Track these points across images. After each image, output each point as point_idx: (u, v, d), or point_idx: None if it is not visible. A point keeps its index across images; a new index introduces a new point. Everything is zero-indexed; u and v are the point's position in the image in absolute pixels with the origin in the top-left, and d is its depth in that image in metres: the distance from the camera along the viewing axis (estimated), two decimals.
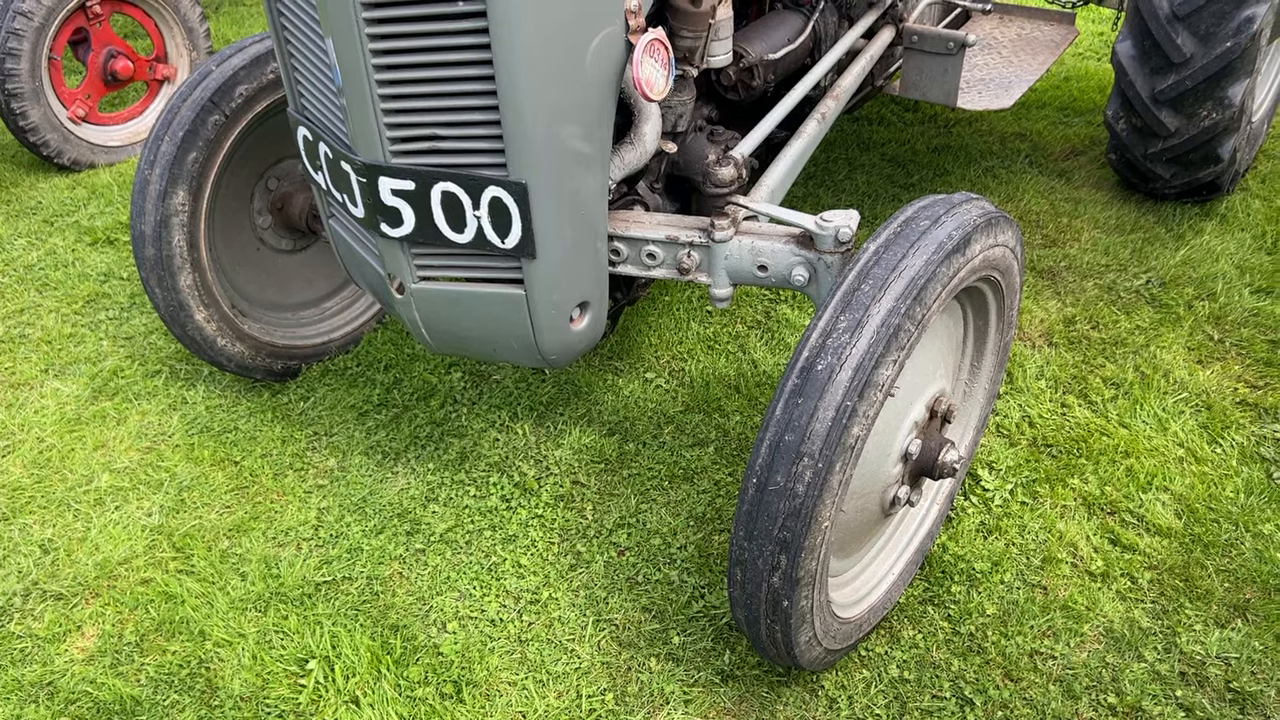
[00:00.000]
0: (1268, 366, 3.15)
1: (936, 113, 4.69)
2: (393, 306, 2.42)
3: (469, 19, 1.91)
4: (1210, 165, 3.62)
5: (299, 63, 2.33)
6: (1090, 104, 4.70)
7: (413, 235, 2.19)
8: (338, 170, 2.24)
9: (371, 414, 3.16)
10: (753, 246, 2.41)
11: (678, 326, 3.46)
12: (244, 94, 2.84)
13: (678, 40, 2.44)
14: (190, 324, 2.95)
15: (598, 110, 2.17)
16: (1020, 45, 3.90)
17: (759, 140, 2.69)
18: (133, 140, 4.83)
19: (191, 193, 2.83)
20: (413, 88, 2.01)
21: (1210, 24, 3.24)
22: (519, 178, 2.06)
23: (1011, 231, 2.22)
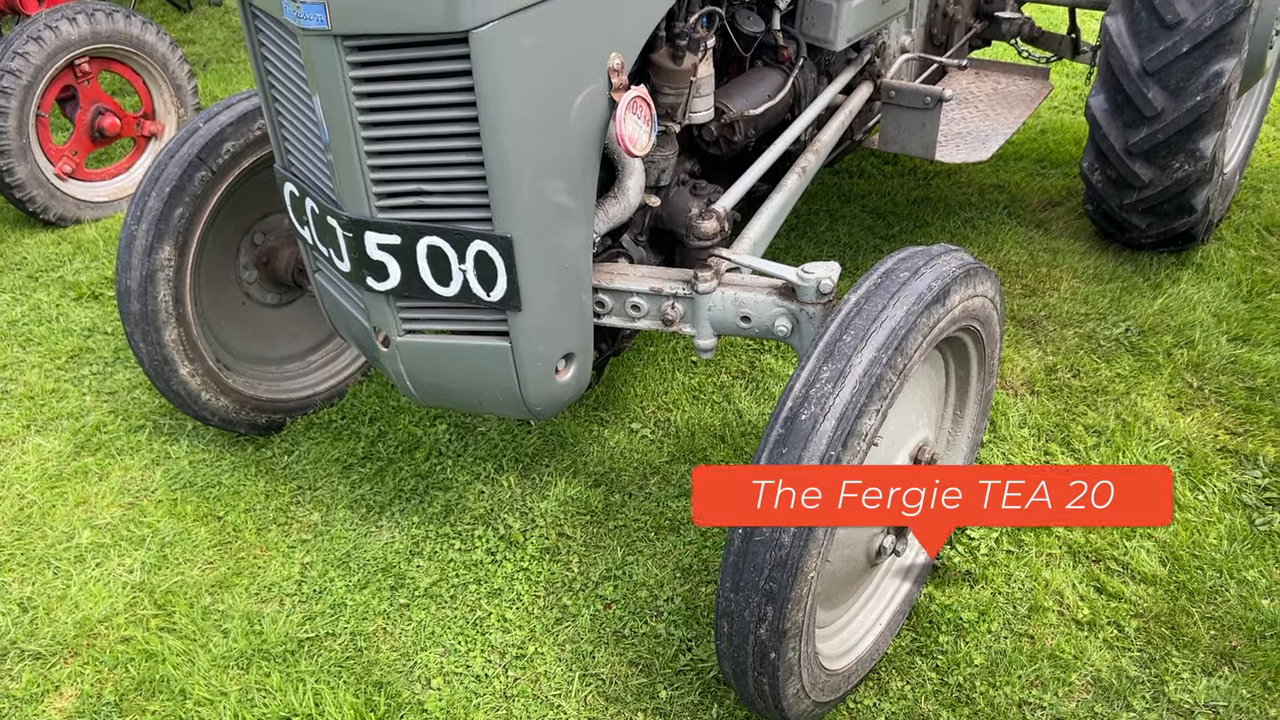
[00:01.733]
0: (1246, 413, 3.18)
1: (916, 165, 4.76)
2: (378, 360, 2.43)
3: (455, 77, 1.94)
4: (1185, 216, 3.68)
5: (286, 119, 2.36)
6: (1066, 156, 4.78)
7: (398, 289, 2.21)
8: (324, 225, 2.26)
9: (356, 467, 3.15)
10: (736, 298, 2.44)
11: (663, 377, 3.48)
12: (231, 150, 2.87)
13: (660, 97, 2.49)
14: (174, 379, 2.95)
15: (582, 165, 2.20)
16: (996, 99, 3.98)
17: (741, 194, 2.72)
18: (119, 196, 4.85)
19: (177, 248, 2.84)
20: (399, 144, 2.04)
21: (1180, 79, 3.32)
22: (504, 232, 2.08)
23: (990, 282, 2.25)
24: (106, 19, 4.55)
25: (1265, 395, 3.25)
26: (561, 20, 2.01)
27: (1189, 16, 3.23)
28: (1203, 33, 3.22)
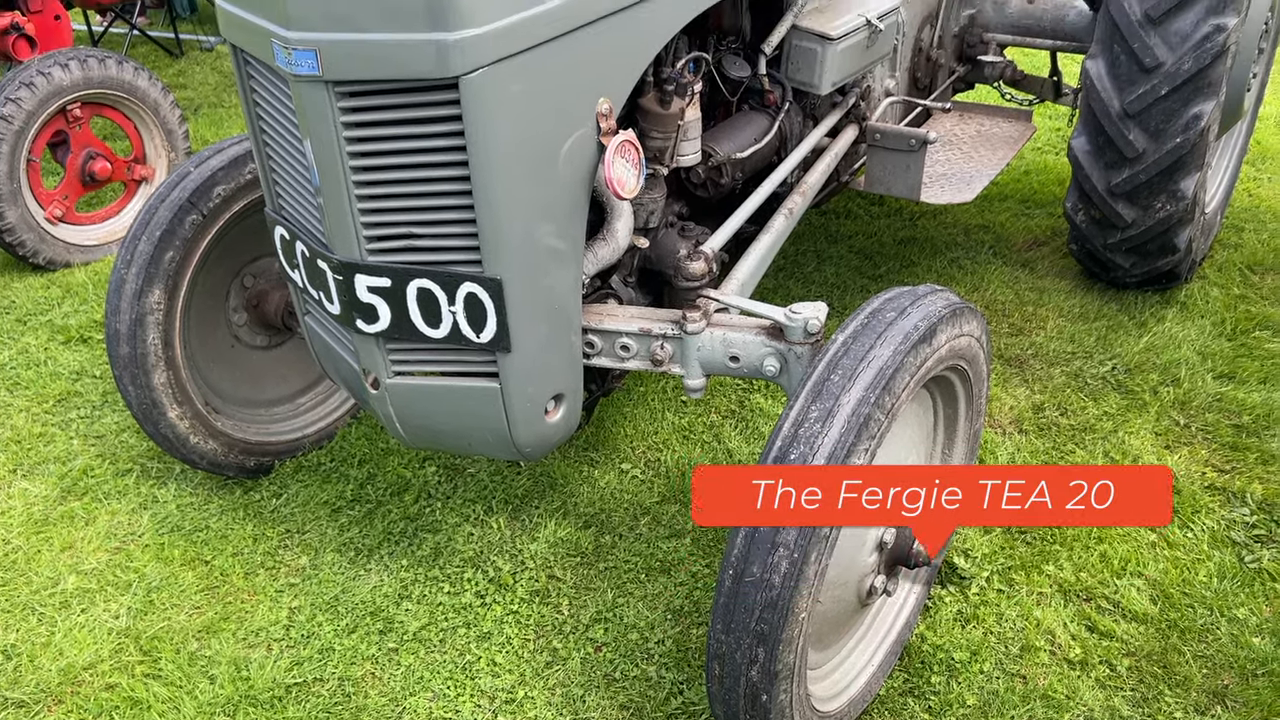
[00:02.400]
0: (1233, 451, 3.20)
1: (902, 206, 4.81)
2: (367, 402, 2.43)
3: (445, 122, 1.97)
4: (1168, 255, 3.72)
5: (277, 163, 2.38)
6: (1050, 196, 4.84)
7: (388, 331, 2.22)
8: (314, 268, 2.27)
9: (345, 510, 3.14)
10: (724, 338, 2.45)
11: (653, 417, 3.48)
12: (222, 194, 2.88)
13: (648, 141, 2.52)
14: (163, 422, 2.94)
15: (571, 208, 2.22)
16: (980, 141, 4.03)
17: (729, 235, 2.75)
18: (109, 239, 4.86)
19: (167, 291, 2.85)
20: (389, 188, 2.06)
21: (1160, 121, 3.37)
22: (494, 274, 2.10)
23: (976, 321, 2.27)
24: (99, 65, 4.59)
25: (1251, 433, 3.27)
26: (550, 66, 2.03)
27: (1167, 60, 3.29)
28: (1181, 76, 3.28)
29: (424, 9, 1.85)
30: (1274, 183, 4.84)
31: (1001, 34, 4.10)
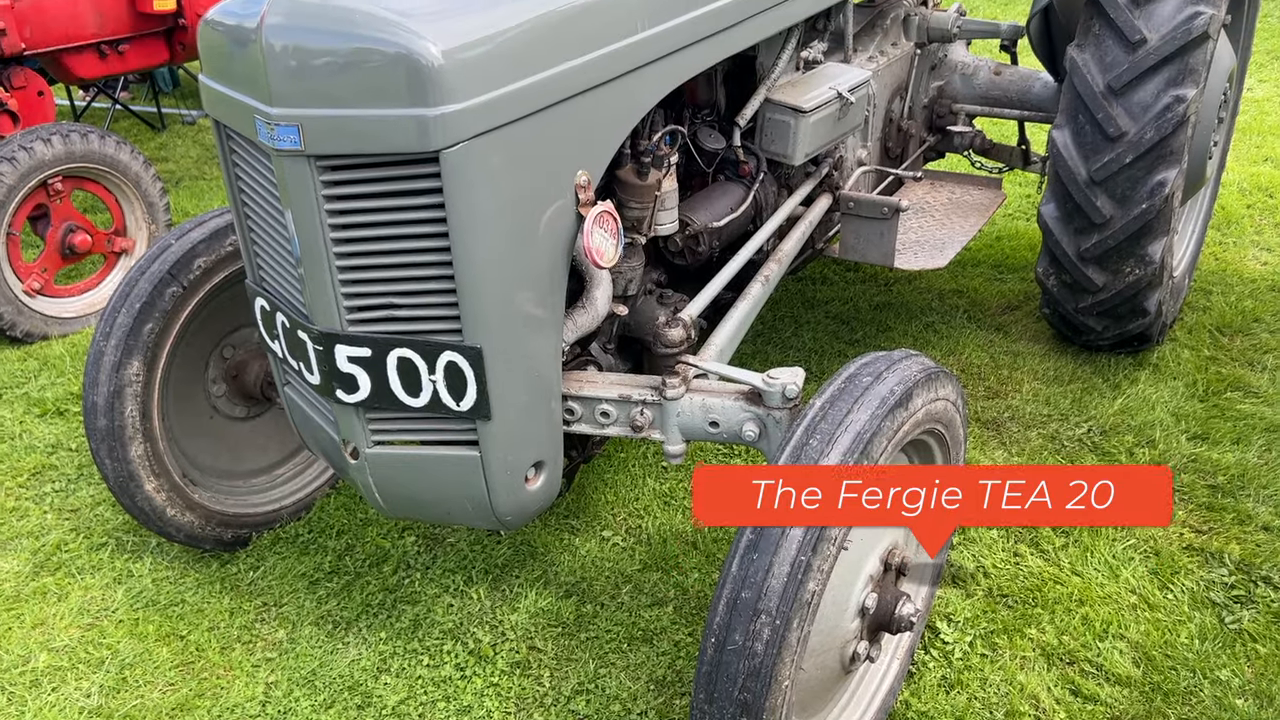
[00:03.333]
0: (1210, 511, 3.22)
1: (877, 272, 4.88)
2: (346, 472, 2.43)
3: (425, 195, 2.00)
4: (1139, 318, 3.78)
5: (258, 235, 2.40)
6: (1022, 261, 4.92)
7: (368, 401, 2.22)
8: (294, 339, 2.28)
9: (323, 582, 3.10)
10: (704, 404, 2.47)
11: (634, 483, 3.48)
12: (202, 266, 2.90)
13: (626, 211, 2.56)
14: (140, 495, 2.91)
15: (551, 277, 2.25)
16: (952, 208, 4.11)
17: (706, 302, 2.78)
18: (88, 312, 4.85)
19: (146, 363, 2.85)
20: (370, 259, 2.08)
21: (1126, 188, 3.46)
22: (474, 342, 2.11)
23: (952, 385, 2.30)
24: (81, 139, 4.63)
25: (1226, 493, 3.30)
26: (529, 140, 2.08)
27: (1130, 129, 3.38)
28: (1144, 145, 3.37)
29: (405, 86, 1.90)
30: (1239, 247, 4.94)
31: (970, 105, 4.21)
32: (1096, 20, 3.46)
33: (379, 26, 1.92)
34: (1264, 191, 5.52)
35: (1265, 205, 5.37)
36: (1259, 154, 6.04)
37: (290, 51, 1.94)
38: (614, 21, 2.25)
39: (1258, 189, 5.55)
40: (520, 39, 2.05)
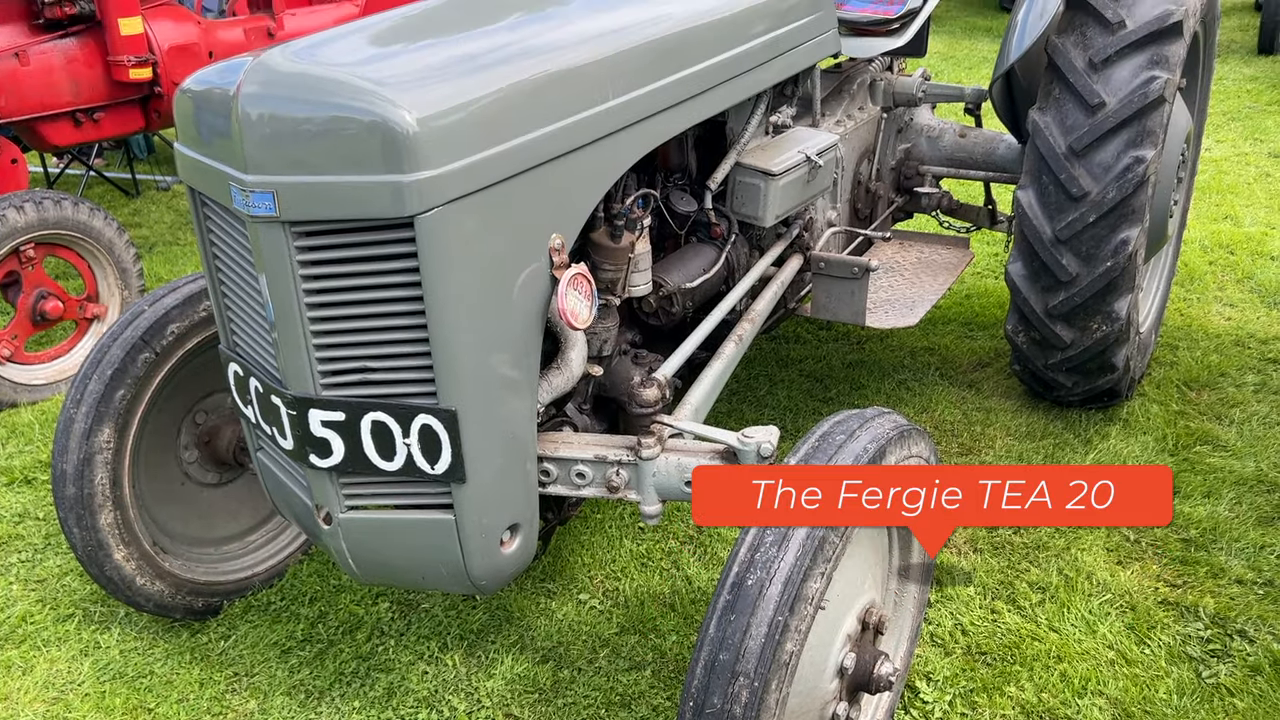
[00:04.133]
0: (1184, 565, 3.24)
1: (849, 330, 4.92)
2: (319, 537, 2.40)
3: (400, 259, 2.01)
4: (1107, 374, 3.83)
5: (232, 300, 2.41)
6: (992, 319, 4.98)
7: (341, 465, 2.21)
8: (268, 404, 2.27)
9: (295, 650, 3.05)
10: (679, 463, 2.47)
11: (610, 545, 3.46)
12: (175, 332, 2.89)
13: (600, 273, 2.59)
14: (109, 564, 2.87)
15: (525, 339, 2.26)
16: (921, 267, 4.17)
17: (681, 361, 2.80)
18: (58, 379, 4.80)
19: (117, 430, 2.82)
20: (344, 323, 2.08)
21: (1090, 246, 3.52)
22: (449, 405, 2.11)
23: (925, 443, 2.31)
24: (55, 206, 4.62)
25: (1200, 546, 3.32)
26: (504, 204, 2.10)
27: (1092, 190, 3.46)
28: (1106, 204, 3.44)
29: (381, 152, 1.92)
30: (1203, 302, 5.04)
31: (936, 166, 4.29)
32: (1057, 84, 3.56)
33: (354, 95, 1.95)
34: (1224, 248, 5.65)
35: (1226, 262, 5.49)
36: (1219, 212, 6.19)
37: (266, 119, 1.96)
38: (586, 89, 2.30)
39: (1218, 246, 5.68)
40: (494, 106, 2.08)
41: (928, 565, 2.58)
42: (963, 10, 12.53)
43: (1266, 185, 6.62)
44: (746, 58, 2.88)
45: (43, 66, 5.20)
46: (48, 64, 5.22)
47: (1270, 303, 5.01)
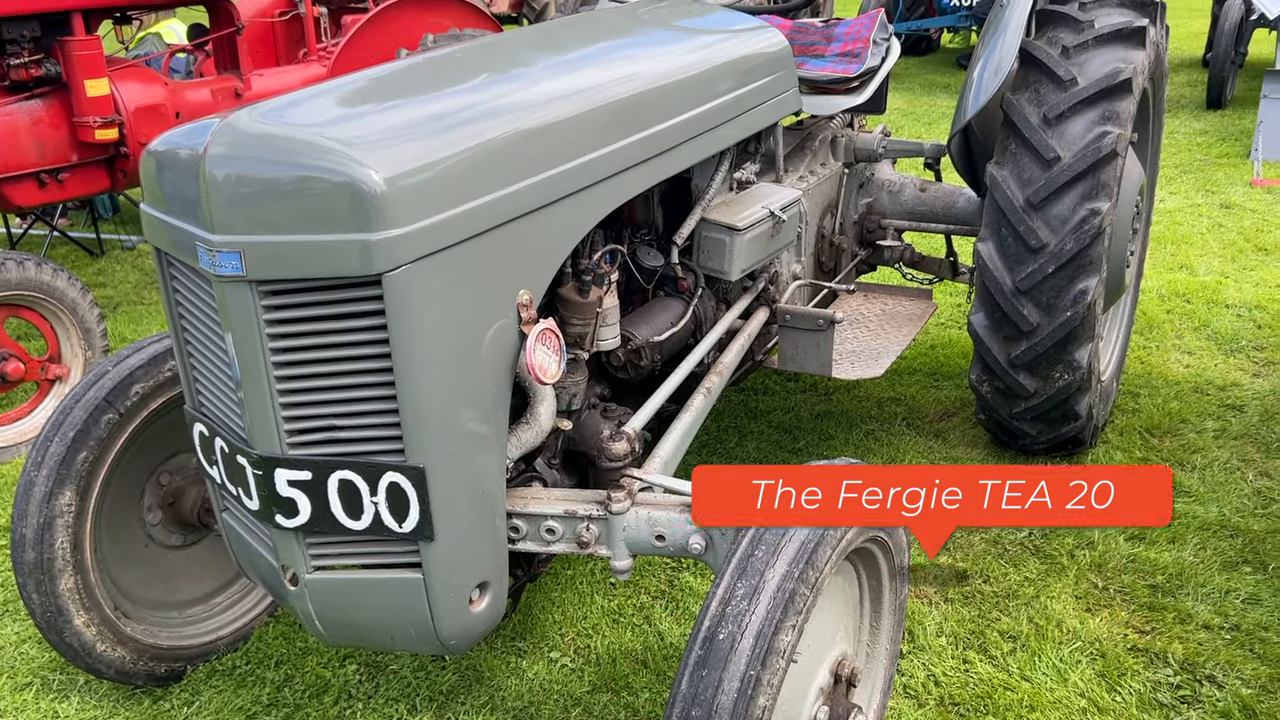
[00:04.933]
0: (1151, 611, 3.26)
1: (816, 382, 4.96)
2: (285, 599, 2.37)
3: (367, 317, 2.02)
4: (1071, 421, 3.88)
5: (198, 360, 2.39)
6: (956, 368, 5.04)
7: (308, 525, 2.19)
8: (233, 464, 2.25)
9: (261, 716, 2.99)
10: (649, 517, 2.47)
11: (581, 601, 3.43)
12: (140, 392, 2.86)
13: (568, 328, 2.60)
14: (68, 630, 2.81)
15: (494, 395, 2.26)
16: (885, 319, 4.22)
17: (650, 415, 2.81)
18: (18, 441, 4.73)
19: (79, 493, 2.78)
20: (311, 381, 2.08)
21: (1050, 297, 3.59)
22: (417, 462, 2.10)
23: None
24: (16, 268, 4.58)
25: (1166, 592, 3.35)
26: (471, 262, 2.12)
27: (1050, 241, 3.53)
28: (1064, 255, 3.51)
29: (349, 211, 1.93)
30: (1162, 350, 5.13)
31: (898, 220, 4.37)
32: (1013, 139, 3.65)
33: (322, 155, 1.97)
34: (1181, 297, 5.76)
35: (1183, 310, 5.60)
36: (1174, 261, 6.32)
37: (233, 180, 1.97)
38: (553, 148, 2.33)
39: (1175, 295, 5.79)
40: (461, 165, 2.11)
41: (900, 603, 2.57)
42: (921, 68, 12.82)
43: (1219, 235, 6.79)
44: (710, 116, 2.93)
45: (8, 128, 5.18)
46: (13, 125, 5.21)
47: (1227, 350, 5.11)
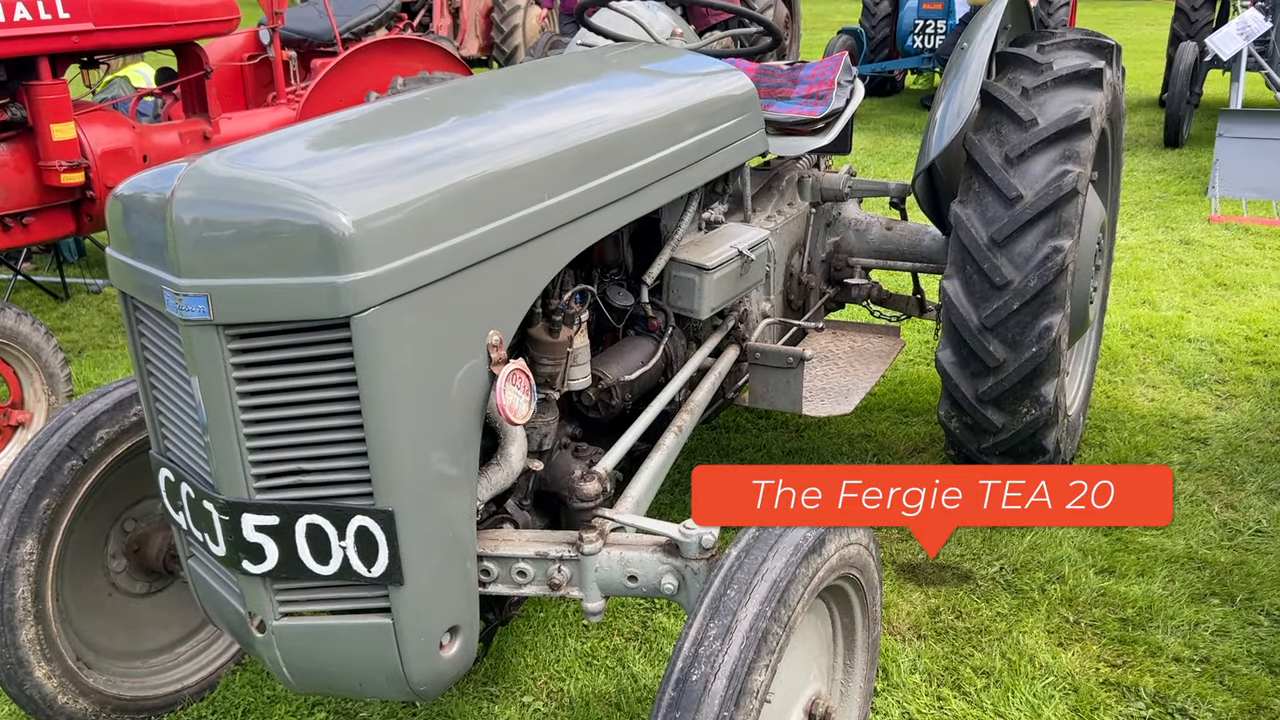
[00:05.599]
0: (1122, 645, 3.28)
1: (788, 419, 4.98)
2: (252, 646, 2.33)
3: (336, 359, 2.01)
4: (1039, 456, 3.91)
5: (164, 404, 2.37)
6: (925, 405, 5.07)
7: (275, 570, 2.16)
8: (199, 510, 2.22)
9: None
10: (621, 557, 2.46)
11: (554, 644, 3.40)
12: (105, 437, 2.82)
13: (538, 368, 2.60)
14: (29, 682, 2.74)
15: (464, 436, 2.25)
16: (854, 356, 4.25)
17: (621, 454, 2.81)
18: None
19: (41, 541, 2.73)
20: (279, 425, 2.06)
21: (1016, 333, 3.63)
22: (386, 505, 2.09)
23: (863, 530, 2.33)
24: None
25: (1137, 625, 3.36)
26: (441, 303, 2.12)
27: (1015, 278, 3.58)
28: (1028, 292, 3.56)
29: (317, 254, 1.93)
30: (1127, 385, 5.19)
31: (865, 258, 4.41)
32: (976, 179, 3.71)
33: (290, 198, 1.96)
34: (1144, 332, 5.85)
35: (1147, 345, 5.68)
36: (1137, 297, 6.43)
37: (200, 224, 1.96)
38: (522, 190, 2.34)
39: (1139, 329, 5.88)
40: (430, 207, 2.11)
41: (874, 641, 2.57)
42: (886, 109, 13.03)
43: (1180, 270, 6.91)
44: (678, 158, 2.96)
45: None
46: None
47: (1190, 383, 5.19)
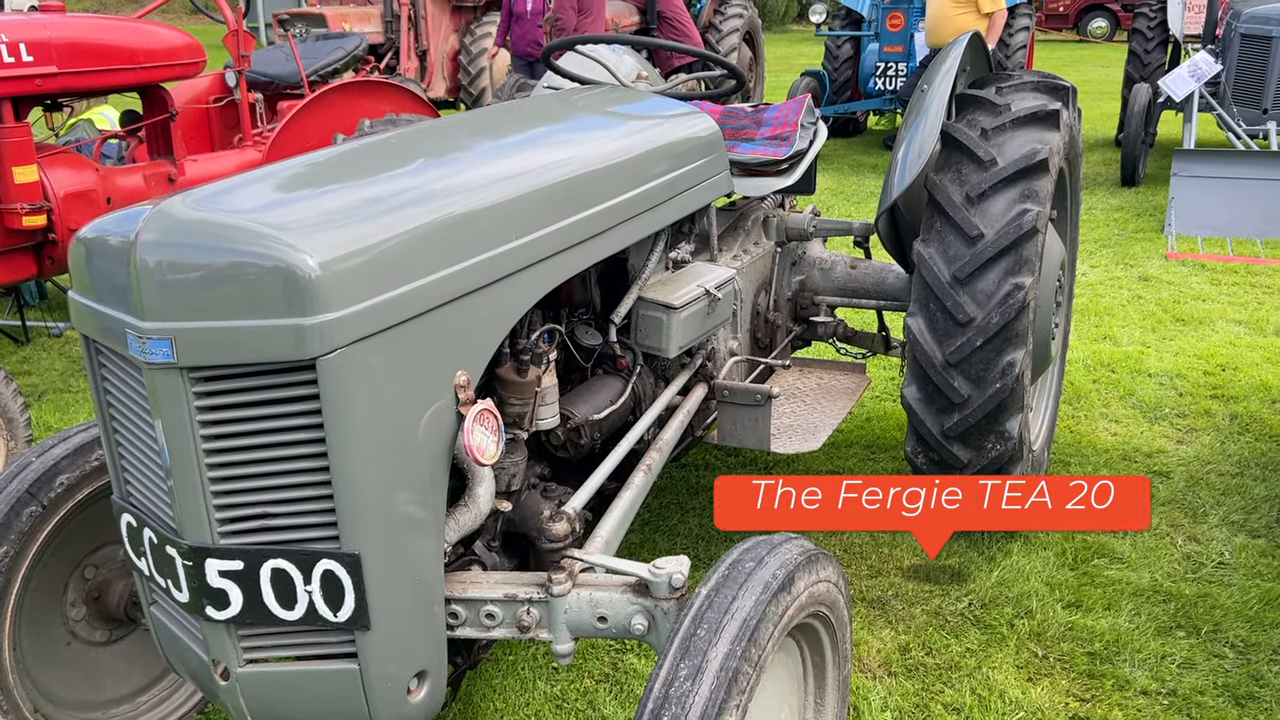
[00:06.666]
0: (1090, 679, 3.29)
1: (756, 456, 4.99)
2: (216, 694, 2.29)
3: (301, 401, 2.00)
4: None
5: (126, 449, 2.34)
6: (892, 440, 5.11)
7: (239, 616, 2.13)
8: (162, 555, 2.19)
9: None
10: (591, 598, 2.45)
11: (523, 688, 3.36)
12: (65, 483, 2.78)
13: (506, 408, 2.60)
14: None
15: (431, 478, 2.24)
16: (821, 393, 4.28)
17: (590, 493, 2.80)
18: None
19: None
20: (243, 468, 2.04)
21: (979, 369, 3.67)
22: (352, 549, 2.07)
23: (832, 567, 2.34)
24: None
25: (1104, 659, 3.38)
26: (408, 344, 2.12)
27: (977, 315, 3.63)
28: (991, 329, 3.61)
29: (283, 296, 1.92)
30: (1090, 419, 5.26)
31: (830, 296, 4.46)
32: (937, 218, 3.77)
33: (255, 240, 1.96)
34: (1106, 367, 5.93)
35: (1109, 380, 5.76)
36: (1098, 332, 6.52)
37: (165, 266, 1.95)
38: (489, 231, 2.35)
39: (1100, 365, 5.96)
40: (396, 249, 2.12)
41: (844, 679, 2.57)
42: (849, 149, 13.21)
43: (1139, 306, 7.03)
44: (644, 199, 2.99)
45: None
46: None
47: (1152, 418, 5.26)
